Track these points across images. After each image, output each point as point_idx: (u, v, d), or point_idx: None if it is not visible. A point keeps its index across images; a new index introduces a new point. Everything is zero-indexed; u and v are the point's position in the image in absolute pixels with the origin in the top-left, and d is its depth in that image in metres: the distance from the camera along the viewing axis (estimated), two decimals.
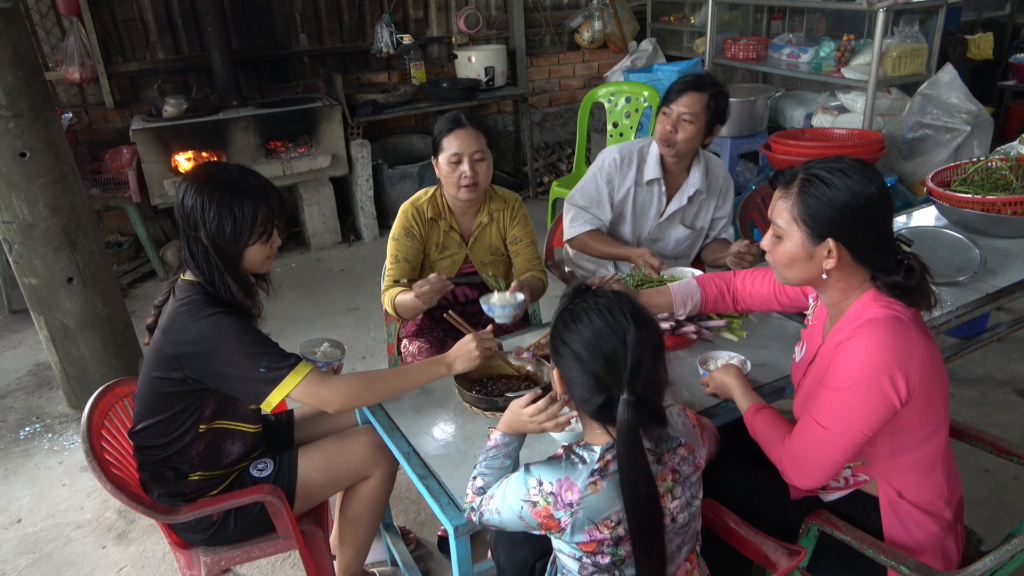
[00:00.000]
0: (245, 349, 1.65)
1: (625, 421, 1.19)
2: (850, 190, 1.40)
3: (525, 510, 1.27)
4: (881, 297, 1.46)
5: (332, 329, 3.87)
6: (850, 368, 1.41)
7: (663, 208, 2.57)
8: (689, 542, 1.39)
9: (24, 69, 2.74)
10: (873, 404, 1.39)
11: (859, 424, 1.41)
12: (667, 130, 2.39)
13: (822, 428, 1.44)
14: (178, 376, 1.69)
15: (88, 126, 4.71)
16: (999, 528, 2.28)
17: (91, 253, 3.04)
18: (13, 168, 2.77)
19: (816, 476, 1.48)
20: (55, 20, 4.43)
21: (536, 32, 5.89)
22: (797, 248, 1.47)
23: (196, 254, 1.70)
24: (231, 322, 1.66)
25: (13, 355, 3.80)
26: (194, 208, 1.66)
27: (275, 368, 1.66)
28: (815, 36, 5.06)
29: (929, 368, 1.42)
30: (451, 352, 1.83)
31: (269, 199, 1.72)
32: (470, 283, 2.43)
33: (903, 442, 1.47)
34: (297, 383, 1.67)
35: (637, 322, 1.22)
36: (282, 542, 1.86)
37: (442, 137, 2.23)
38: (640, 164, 2.55)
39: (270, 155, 4.70)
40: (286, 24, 5.03)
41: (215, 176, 1.69)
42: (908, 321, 1.43)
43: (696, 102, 2.34)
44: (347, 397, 1.73)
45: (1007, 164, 2.71)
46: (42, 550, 2.51)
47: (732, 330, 2.01)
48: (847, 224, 1.42)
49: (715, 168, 2.62)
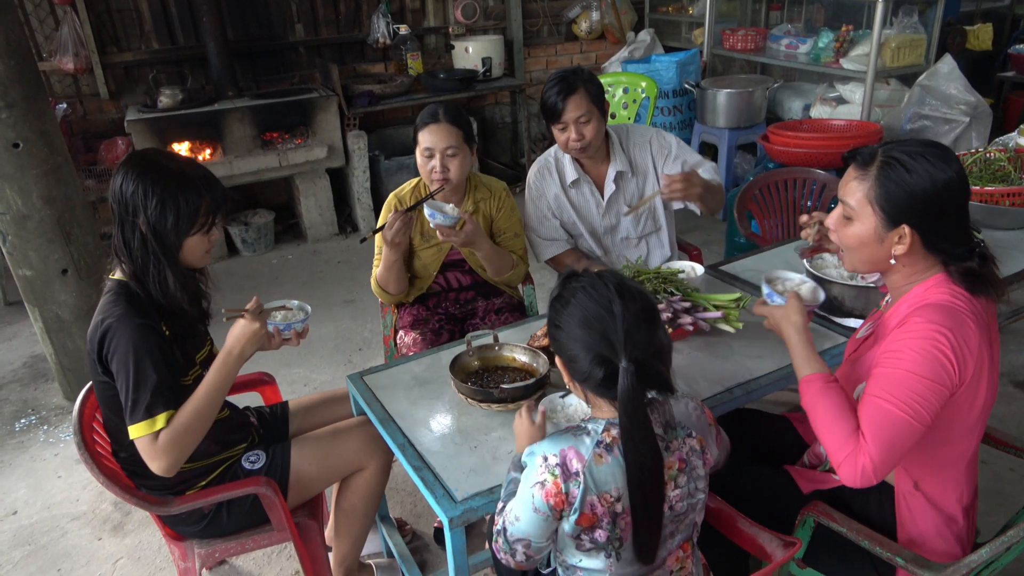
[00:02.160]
0: (128, 372, 1.58)
1: (626, 388, 1.21)
2: (930, 177, 1.35)
3: (536, 496, 1.26)
4: (947, 284, 1.41)
5: (329, 321, 3.86)
6: (906, 344, 1.35)
7: (600, 200, 2.54)
8: (684, 531, 1.39)
9: (16, 59, 2.72)
10: (933, 373, 1.32)
11: (930, 405, 1.32)
12: (573, 139, 2.34)
13: (905, 417, 1.32)
14: (106, 378, 1.65)
15: (83, 117, 4.68)
16: (995, 520, 2.27)
17: (85, 244, 3.02)
18: (6, 159, 2.75)
19: (891, 468, 1.35)
20: (49, 10, 4.40)
21: (534, 22, 5.85)
22: (868, 231, 1.43)
23: (131, 242, 1.65)
24: (134, 338, 1.59)
25: (8, 347, 3.79)
26: (135, 194, 1.61)
27: (139, 407, 1.58)
28: (814, 27, 5.04)
29: (983, 363, 1.37)
30: (230, 341, 1.70)
31: (214, 190, 1.68)
32: (461, 269, 2.46)
33: (936, 435, 1.41)
34: (140, 435, 1.59)
35: (620, 292, 1.26)
36: (276, 534, 1.86)
37: (418, 131, 2.26)
38: (559, 170, 2.52)
39: (266, 146, 4.68)
40: (282, 14, 4.99)
41: (158, 163, 1.64)
42: (968, 312, 1.38)
43: (581, 102, 2.29)
44: (171, 461, 1.62)
45: (1005, 155, 2.70)
46: (38, 542, 2.51)
47: (729, 321, 2.00)
48: (924, 211, 1.37)
49: (631, 138, 2.52)
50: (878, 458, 1.31)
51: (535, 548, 1.32)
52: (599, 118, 2.36)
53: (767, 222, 3.11)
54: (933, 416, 1.33)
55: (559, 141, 2.41)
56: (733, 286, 2.30)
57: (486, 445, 1.66)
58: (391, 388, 1.90)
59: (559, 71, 2.35)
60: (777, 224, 3.13)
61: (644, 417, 1.23)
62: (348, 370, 3.36)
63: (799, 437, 1.83)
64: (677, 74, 4.93)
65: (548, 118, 2.37)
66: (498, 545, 1.36)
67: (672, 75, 4.92)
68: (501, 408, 1.74)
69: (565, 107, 2.29)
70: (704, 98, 4.73)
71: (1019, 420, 2.80)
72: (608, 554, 1.31)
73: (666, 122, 5.11)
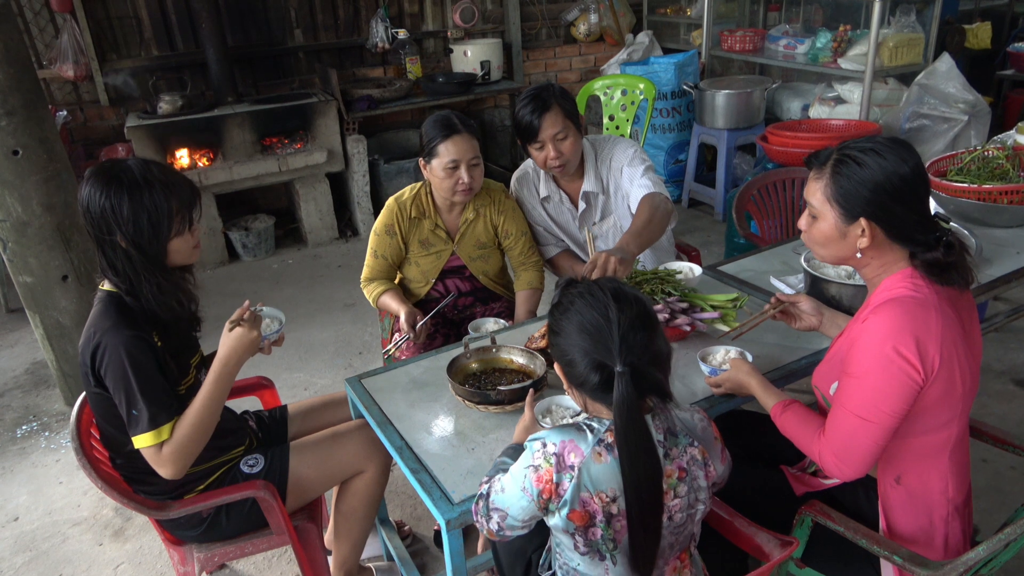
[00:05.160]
0: (127, 385, 1.58)
1: (621, 393, 1.22)
2: (883, 169, 1.40)
3: (528, 478, 1.27)
4: (913, 277, 1.45)
5: (329, 325, 3.87)
6: (865, 351, 1.40)
7: (576, 214, 2.53)
8: (681, 543, 1.39)
9: (16, 67, 2.73)
10: (894, 382, 1.37)
11: (887, 405, 1.38)
12: (551, 157, 2.30)
13: (855, 416, 1.42)
14: (99, 389, 1.64)
15: (83, 124, 4.70)
16: (995, 518, 2.27)
17: (86, 251, 3.03)
18: (6, 166, 2.76)
19: (858, 466, 1.44)
20: (48, 18, 4.42)
21: (532, 25, 5.86)
22: (831, 228, 1.48)
23: (115, 260, 1.63)
24: (127, 350, 1.58)
25: (10, 354, 3.80)
26: (104, 211, 1.58)
27: (141, 420, 1.59)
28: (812, 27, 5.05)
29: (951, 352, 1.39)
30: (226, 351, 1.67)
31: (179, 188, 1.65)
32: (461, 275, 2.46)
33: (913, 426, 1.45)
34: (145, 445, 1.61)
35: (616, 298, 1.28)
36: (275, 538, 1.86)
37: (437, 143, 2.21)
38: (535, 182, 2.52)
39: (266, 151, 4.69)
40: (281, 20, 5.01)
41: (116, 175, 1.60)
42: (931, 303, 1.40)
43: (556, 119, 2.25)
44: (178, 468, 1.65)
45: (1004, 153, 2.70)
46: (39, 548, 2.51)
47: (726, 322, 2.00)
48: (880, 203, 1.41)
49: (603, 153, 2.46)
50: (835, 451, 1.45)
51: (509, 524, 1.34)
52: (575, 133, 2.32)
53: (766, 222, 3.11)
54: (895, 411, 1.39)
55: (537, 160, 2.37)
56: (732, 286, 2.30)
57: (484, 447, 1.66)
58: (389, 391, 1.90)
59: (530, 89, 2.32)
60: (776, 224, 3.13)
61: (640, 422, 1.23)
62: (348, 374, 3.36)
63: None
64: (676, 75, 4.94)
65: (524, 138, 2.32)
66: (478, 507, 1.41)
67: (671, 76, 4.93)
68: (499, 410, 1.74)
69: (541, 125, 2.25)
70: (703, 99, 4.73)
71: (1020, 418, 2.79)
72: (603, 556, 1.31)
73: (664, 124, 5.11)
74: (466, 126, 2.23)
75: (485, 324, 2.21)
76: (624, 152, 2.43)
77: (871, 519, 1.54)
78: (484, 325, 2.21)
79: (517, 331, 2.18)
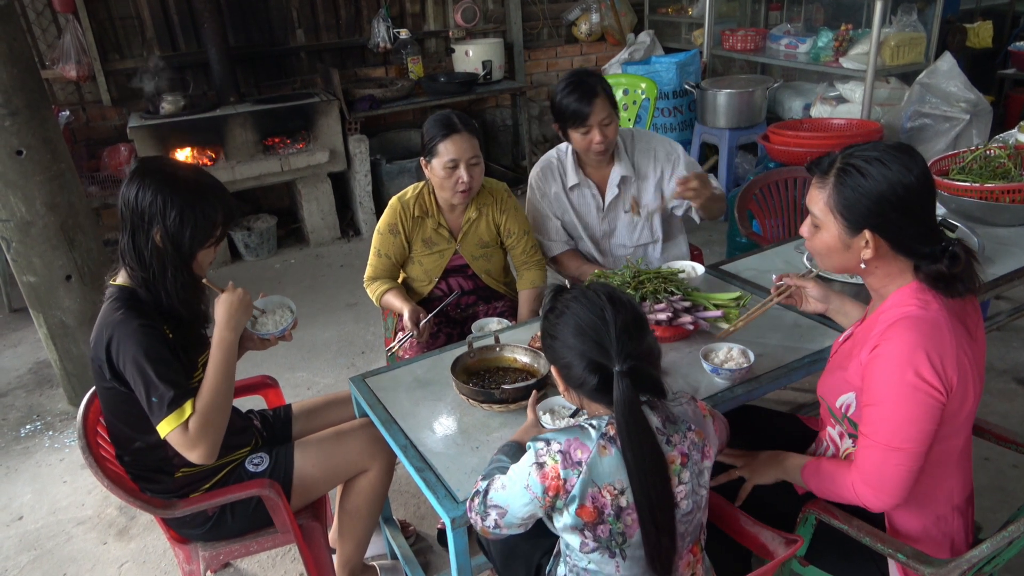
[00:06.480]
0: (144, 373, 1.59)
1: (621, 392, 1.24)
2: (887, 181, 1.34)
3: (532, 476, 1.27)
4: (921, 292, 1.41)
5: (332, 325, 3.87)
6: (886, 379, 1.37)
7: (601, 203, 2.55)
8: (692, 533, 1.39)
9: (19, 67, 2.73)
10: (921, 407, 1.34)
11: (917, 430, 1.35)
12: (597, 141, 2.35)
13: (886, 447, 1.38)
14: (114, 383, 1.65)
15: (86, 124, 4.71)
16: (998, 516, 2.27)
17: (89, 251, 3.04)
18: (9, 166, 2.77)
19: (896, 494, 1.40)
20: (51, 18, 4.43)
21: (533, 25, 5.87)
22: (834, 239, 1.44)
23: (143, 251, 1.64)
24: (139, 339, 1.59)
25: (14, 353, 3.81)
26: (153, 204, 1.59)
27: (163, 404, 1.59)
28: (813, 26, 5.05)
29: (965, 367, 1.37)
30: (222, 316, 1.70)
31: (227, 202, 1.68)
32: (464, 274, 2.47)
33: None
34: (170, 429, 1.60)
35: (611, 300, 1.30)
36: (280, 536, 1.87)
37: (437, 142, 2.23)
38: (561, 171, 2.54)
39: (268, 151, 4.69)
40: (283, 20, 5.01)
41: (175, 174, 1.63)
42: (942, 321, 1.37)
43: (604, 104, 2.32)
44: (209, 445, 1.64)
45: (1005, 152, 2.70)
46: (43, 547, 2.52)
47: (729, 320, 2.01)
48: (885, 215, 1.36)
49: (641, 144, 2.54)
50: (870, 484, 1.42)
51: (507, 522, 1.34)
52: (616, 119, 2.39)
53: (768, 222, 3.12)
54: (925, 433, 1.36)
55: (580, 144, 2.40)
56: (734, 285, 2.31)
57: (488, 446, 1.66)
58: (393, 390, 1.91)
59: (572, 74, 2.37)
60: (778, 224, 3.13)
61: (642, 420, 1.25)
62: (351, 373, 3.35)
63: (804, 435, 1.83)
64: (677, 75, 4.94)
65: (570, 121, 2.36)
66: (473, 504, 1.40)
67: (672, 76, 4.93)
68: (503, 409, 1.75)
69: (592, 110, 2.30)
70: (704, 99, 4.73)
71: (1022, 417, 2.80)
72: (613, 553, 1.31)
73: (666, 123, 5.12)
74: (466, 125, 2.24)
75: (489, 324, 2.22)
76: (670, 146, 2.54)
77: (875, 517, 1.54)
78: (488, 325, 2.22)
79: (520, 330, 2.19)
